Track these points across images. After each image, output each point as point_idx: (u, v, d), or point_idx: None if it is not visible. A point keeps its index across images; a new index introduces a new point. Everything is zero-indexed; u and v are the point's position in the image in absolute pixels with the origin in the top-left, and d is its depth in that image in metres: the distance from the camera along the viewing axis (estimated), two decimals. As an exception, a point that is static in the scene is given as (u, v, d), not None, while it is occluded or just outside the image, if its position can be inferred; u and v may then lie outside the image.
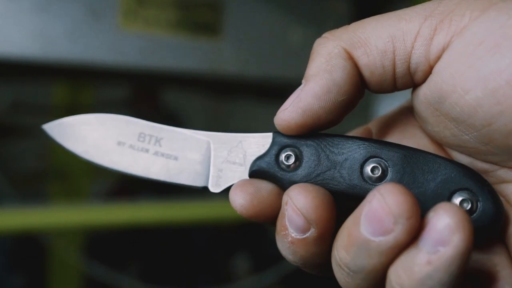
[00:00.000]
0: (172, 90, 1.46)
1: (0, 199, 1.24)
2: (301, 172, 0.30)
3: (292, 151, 0.31)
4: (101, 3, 0.85)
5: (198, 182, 0.32)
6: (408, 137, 0.33)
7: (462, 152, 0.30)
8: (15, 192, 1.28)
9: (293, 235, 0.29)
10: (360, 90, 0.30)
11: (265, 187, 0.31)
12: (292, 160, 0.30)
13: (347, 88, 0.29)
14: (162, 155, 0.33)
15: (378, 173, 0.29)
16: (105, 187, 1.72)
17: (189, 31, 0.91)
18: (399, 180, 0.29)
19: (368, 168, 0.29)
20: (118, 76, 1.07)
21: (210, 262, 1.88)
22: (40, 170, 1.61)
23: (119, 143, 0.33)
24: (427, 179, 0.29)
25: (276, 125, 0.30)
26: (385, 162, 0.29)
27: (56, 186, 1.47)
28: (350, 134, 0.34)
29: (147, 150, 0.33)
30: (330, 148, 0.30)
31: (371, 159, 0.29)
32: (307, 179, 0.30)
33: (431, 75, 0.28)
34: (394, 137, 0.34)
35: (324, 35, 0.31)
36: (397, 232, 0.25)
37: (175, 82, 1.23)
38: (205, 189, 0.33)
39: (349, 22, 0.30)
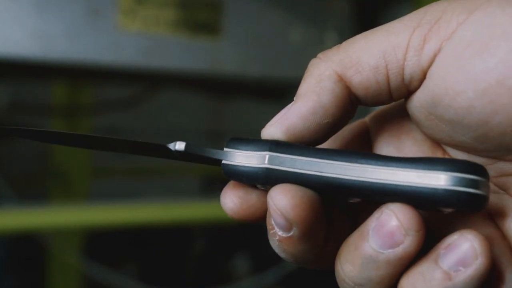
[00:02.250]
0: (172, 90, 1.46)
1: (0, 199, 1.24)
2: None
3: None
4: (100, 2, 0.85)
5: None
6: (405, 132, 0.33)
7: (459, 150, 0.31)
8: (15, 193, 1.28)
9: (279, 233, 0.29)
10: (349, 112, 0.30)
11: (254, 189, 0.31)
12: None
13: (334, 111, 0.29)
14: None
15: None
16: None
17: (189, 31, 0.91)
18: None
19: None
20: (118, 75, 1.07)
21: (210, 262, 1.88)
22: (40, 171, 1.61)
23: None
24: None
25: (262, 138, 0.31)
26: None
27: (56, 187, 1.47)
28: (346, 128, 0.34)
29: None
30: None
31: None
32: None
33: (424, 82, 0.29)
34: (391, 132, 0.34)
35: (318, 55, 0.31)
36: (407, 244, 0.27)
37: (175, 81, 1.23)
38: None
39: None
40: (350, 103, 0.30)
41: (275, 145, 0.29)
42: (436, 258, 0.27)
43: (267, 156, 0.29)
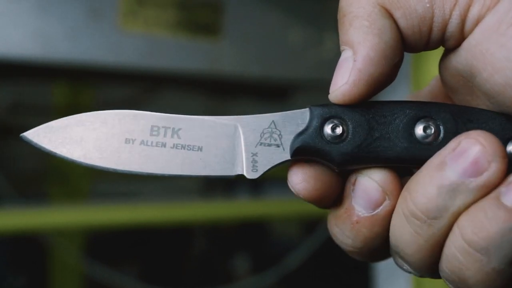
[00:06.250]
0: (172, 90, 1.46)
1: (0, 200, 1.24)
2: (351, 142, 0.29)
3: (337, 121, 0.29)
4: (101, 3, 0.86)
5: (230, 171, 0.29)
6: None
7: None
8: (16, 193, 1.28)
9: (360, 213, 0.29)
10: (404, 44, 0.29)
11: (323, 169, 0.30)
12: (339, 130, 0.29)
13: (399, 48, 0.29)
14: (183, 147, 0.29)
15: (431, 132, 0.29)
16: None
17: (189, 31, 0.92)
18: (454, 135, 0.28)
19: (419, 129, 0.29)
20: (118, 76, 1.07)
21: (210, 262, 1.88)
22: (41, 171, 1.61)
23: (127, 141, 0.29)
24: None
25: (335, 101, 0.29)
26: (436, 121, 0.29)
27: (56, 187, 1.47)
28: None
29: (164, 144, 0.29)
30: (378, 113, 0.29)
31: (421, 120, 0.29)
32: (358, 149, 0.29)
33: (461, 49, 0.28)
34: None
35: None
36: (492, 171, 0.26)
37: (175, 82, 1.23)
38: (239, 177, 0.30)
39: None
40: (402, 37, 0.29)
41: None
42: (498, 195, 0.26)
43: None
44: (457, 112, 0.29)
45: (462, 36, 0.28)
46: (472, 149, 0.26)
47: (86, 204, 1.32)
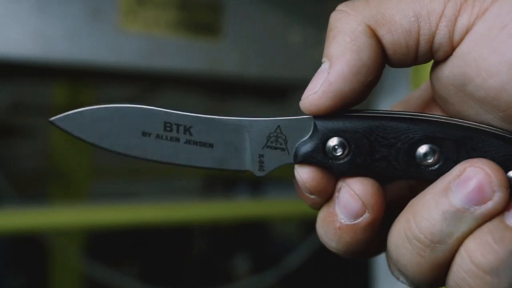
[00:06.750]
0: (172, 90, 1.46)
1: (0, 200, 1.24)
2: (350, 161, 0.30)
3: (339, 141, 0.30)
4: (101, 3, 0.86)
5: (240, 166, 0.31)
6: None
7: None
8: (16, 192, 1.28)
9: (342, 221, 0.29)
10: (383, 65, 0.30)
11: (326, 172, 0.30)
12: (340, 151, 0.30)
13: (375, 67, 0.29)
14: (196, 143, 0.31)
15: (431, 158, 0.29)
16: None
17: (189, 31, 0.92)
18: (454, 163, 0.29)
19: (420, 154, 0.29)
20: (118, 76, 1.07)
21: (210, 262, 1.88)
22: (41, 171, 1.61)
23: (144, 134, 0.31)
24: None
25: (303, 109, 0.30)
26: (439, 148, 0.29)
27: (56, 186, 1.47)
28: None
29: (177, 139, 0.31)
30: (381, 135, 0.29)
31: (424, 145, 0.29)
32: (358, 168, 0.30)
33: (452, 58, 0.28)
34: None
35: (341, 8, 0.30)
36: (496, 201, 0.26)
37: (175, 82, 1.23)
38: (248, 172, 0.31)
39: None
40: (384, 58, 0.29)
41: None
42: (502, 218, 0.26)
43: None
44: (461, 139, 0.29)
45: (451, 47, 0.28)
46: (476, 178, 0.27)
47: (86, 204, 1.32)
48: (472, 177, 0.27)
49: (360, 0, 0.29)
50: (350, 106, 0.30)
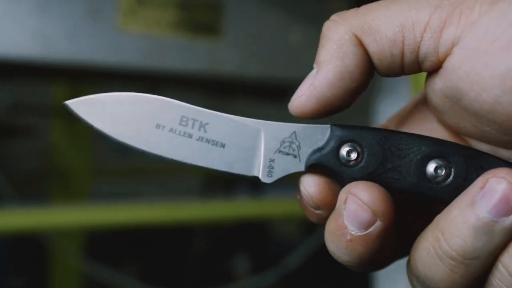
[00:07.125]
0: (172, 90, 1.47)
1: (0, 200, 1.24)
2: (363, 168, 0.30)
3: (354, 146, 0.30)
4: (101, 3, 0.86)
5: (247, 171, 0.31)
6: (426, 132, 0.33)
7: (483, 142, 0.31)
8: (15, 192, 1.28)
9: (353, 232, 0.29)
10: (370, 74, 0.30)
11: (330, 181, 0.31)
12: (354, 155, 0.30)
13: (359, 75, 0.29)
14: (208, 141, 0.31)
15: (441, 172, 0.29)
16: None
17: (189, 31, 0.92)
18: (463, 179, 0.29)
19: (431, 168, 0.29)
20: (118, 76, 1.07)
21: (210, 262, 1.88)
22: (40, 170, 1.61)
23: (158, 126, 0.31)
24: None
25: (291, 111, 0.30)
26: (449, 163, 0.29)
27: (56, 186, 1.47)
28: None
29: (190, 135, 0.31)
30: (395, 145, 0.30)
31: (435, 159, 0.29)
32: (369, 176, 0.30)
33: (443, 70, 0.29)
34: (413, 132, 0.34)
35: (333, 17, 0.31)
36: None
37: (175, 82, 1.23)
38: (255, 178, 0.31)
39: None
40: (371, 66, 0.30)
41: None
42: None
43: None
44: (471, 157, 0.29)
45: (437, 58, 0.28)
46: (501, 188, 0.26)
47: (86, 204, 1.32)
48: (496, 187, 0.26)
49: (350, 10, 0.30)
50: (335, 112, 0.30)
